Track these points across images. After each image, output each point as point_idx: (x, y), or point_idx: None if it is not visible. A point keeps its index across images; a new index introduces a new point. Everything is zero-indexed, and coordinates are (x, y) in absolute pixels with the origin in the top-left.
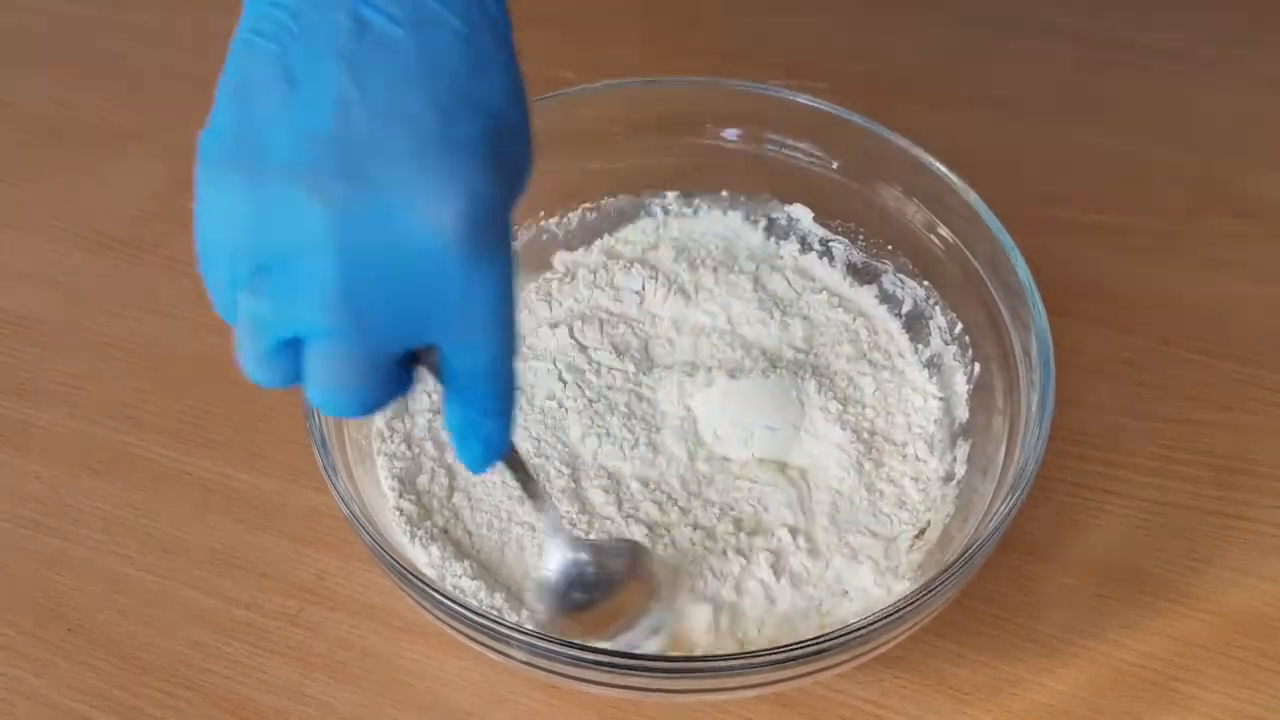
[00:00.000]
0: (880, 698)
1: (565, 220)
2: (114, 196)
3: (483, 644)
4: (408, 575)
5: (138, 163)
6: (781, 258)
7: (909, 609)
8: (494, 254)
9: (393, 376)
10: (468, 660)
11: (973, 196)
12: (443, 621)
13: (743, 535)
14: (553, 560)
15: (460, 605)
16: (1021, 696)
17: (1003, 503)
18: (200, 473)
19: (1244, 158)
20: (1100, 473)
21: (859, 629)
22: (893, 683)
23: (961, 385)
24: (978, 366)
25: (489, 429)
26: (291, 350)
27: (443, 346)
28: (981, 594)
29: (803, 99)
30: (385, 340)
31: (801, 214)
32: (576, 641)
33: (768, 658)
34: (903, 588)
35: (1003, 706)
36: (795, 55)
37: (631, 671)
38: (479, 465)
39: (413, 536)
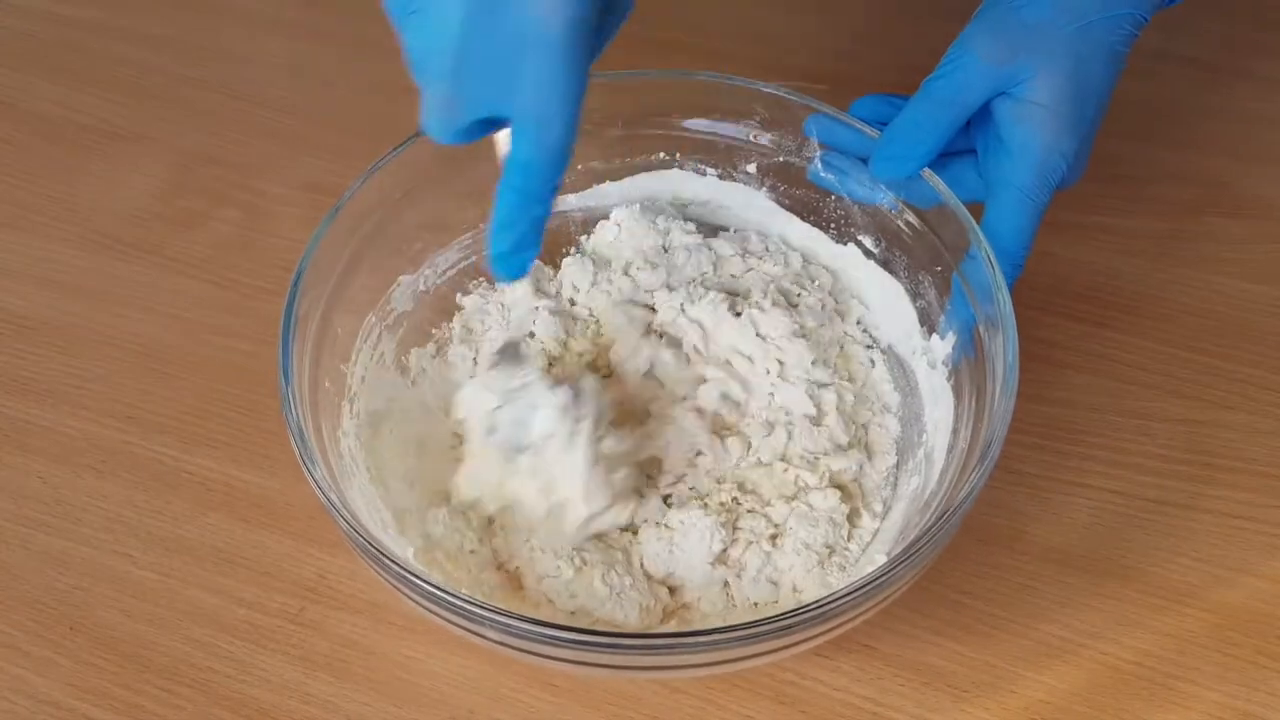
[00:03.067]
0: (880, 696)
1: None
2: (114, 196)
3: (458, 625)
4: (384, 559)
5: (138, 163)
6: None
7: (892, 572)
8: (575, 62)
9: (473, 128)
10: (469, 659)
11: (938, 182)
12: (423, 607)
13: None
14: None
15: (439, 589)
16: (1020, 694)
17: (973, 472)
18: (202, 472)
19: (1244, 158)
20: (1100, 472)
21: (847, 594)
22: (892, 681)
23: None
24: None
25: (525, 224)
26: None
27: (514, 124)
28: (980, 593)
29: (784, 93)
30: (476, 97)
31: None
32: (545, 620)
33: (768, 627)
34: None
35: (1001, 704)
36: (795, 56)
37: (599, 649)
38: (509, 267)
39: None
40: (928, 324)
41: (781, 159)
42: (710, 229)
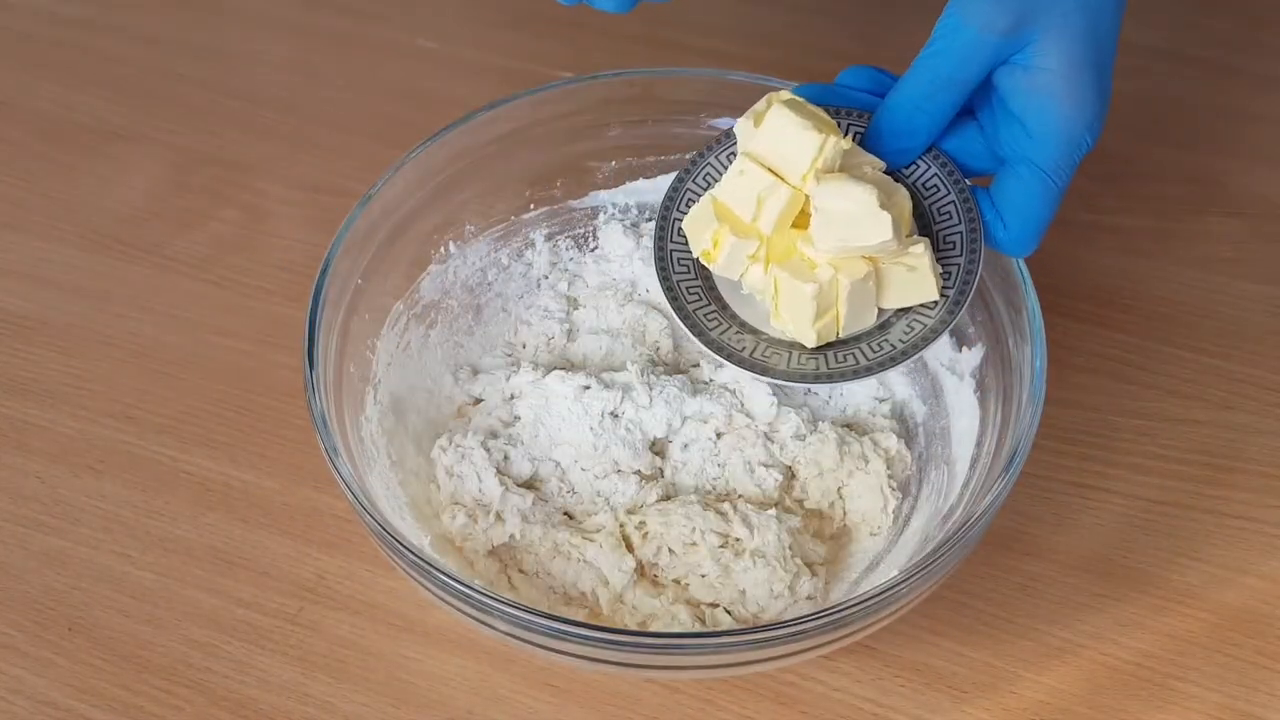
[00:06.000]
0: (880, 696)
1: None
2: (114, 196)
3: (478, 620)
4: (403, 549)
5: (138, 163)
6: None
7: (914, 578)
8: None
9: None
10: (468, 659)
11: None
12: (444, 602)
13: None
14: None
15: (460, 582)
16: (1020, 695)
17: (997, 481)
18: (200, 472)
19: (1243, 158)
20: (1098, 472)
21: (870, 597)
22: (892, 682)
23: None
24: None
25: None
26: None
27: None
28: (980, 593)
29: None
30: None
31: None
32: (555, 614)
33: (780, 630)
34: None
35: (1001, 705)
36: (795, 56)
37: (614, 646)
38: None
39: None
40: (957, 335)
41: None
42: None
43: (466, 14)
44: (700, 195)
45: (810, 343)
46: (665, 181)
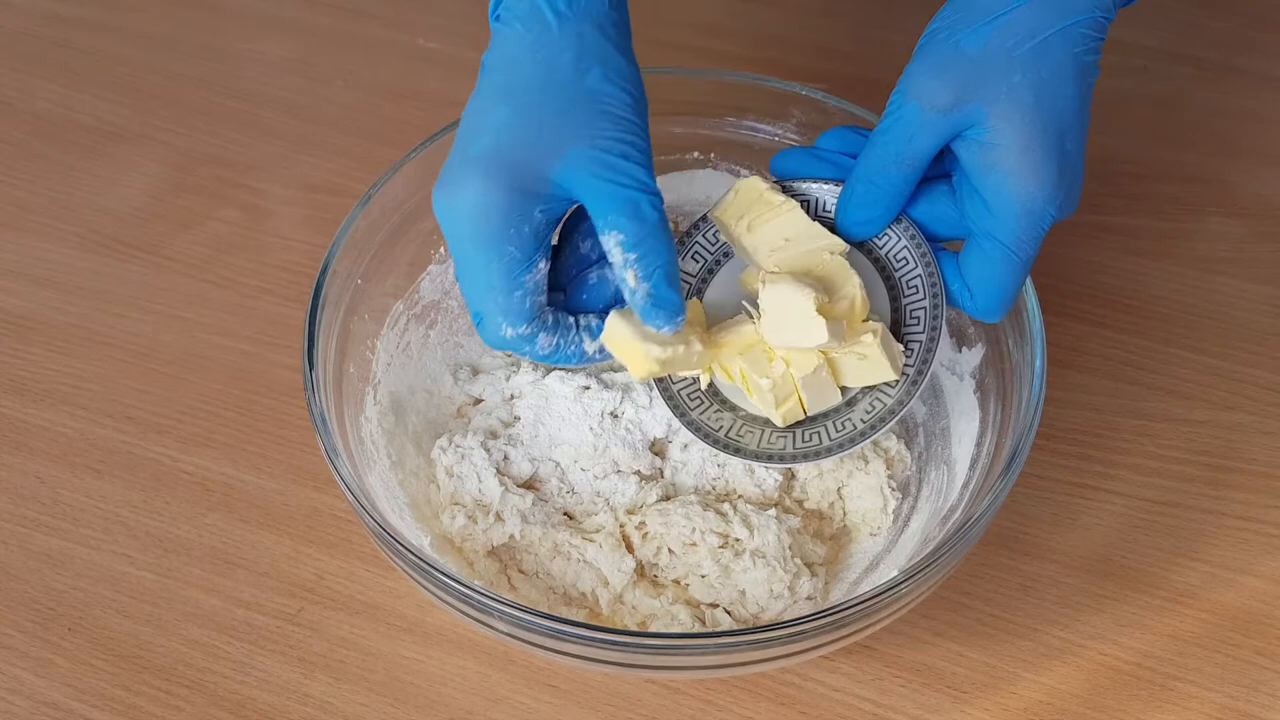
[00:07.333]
0: (879, 696)
1: None
2: (114, 196)
3: (478, 620)
4: (403, 549)
5: (138, 163)
6: None
7: (914, 578)
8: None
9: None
10: (468, 659)
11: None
12: (444, 602)
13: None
14: None
15: (460, 582)
16: (1019, 695)
17: (997, 482)
18: (200, 472)
19: (1243, 158)
20: (1099, 472)
21: (870, 597)
22: (892, 682)
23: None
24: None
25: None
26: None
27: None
28: (980, 594)
29: (796, 88)
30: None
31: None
32: (555, 614)
33: (780, 630)
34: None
35: (1001, 705)
36: (795, 56)
37: (614, 646)
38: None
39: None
40: (957, 335)
41: None
42: None
43: (466, 14)
44: (690, 282)
45: (779, 423)
46: (665, 181)
